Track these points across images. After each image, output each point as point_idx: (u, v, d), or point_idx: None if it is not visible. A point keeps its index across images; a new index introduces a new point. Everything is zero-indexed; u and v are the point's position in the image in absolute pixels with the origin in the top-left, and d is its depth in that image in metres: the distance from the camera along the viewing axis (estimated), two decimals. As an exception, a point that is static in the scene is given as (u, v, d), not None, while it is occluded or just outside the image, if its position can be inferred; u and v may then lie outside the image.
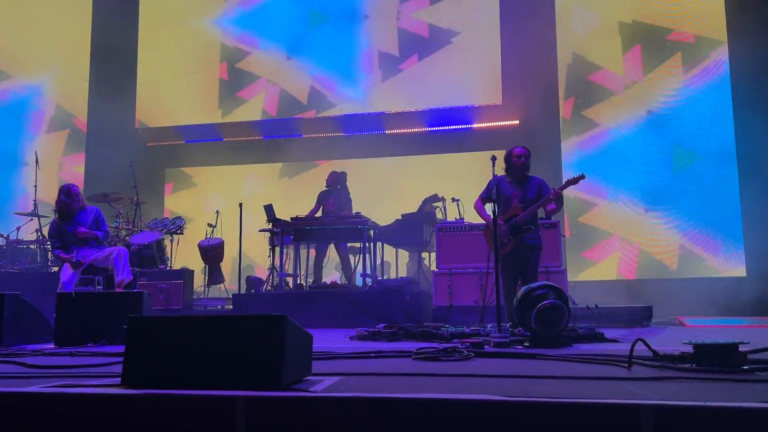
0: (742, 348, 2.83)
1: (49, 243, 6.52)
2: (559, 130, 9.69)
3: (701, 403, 1.90)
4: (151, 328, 2.61)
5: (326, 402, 2.14)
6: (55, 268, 8.26)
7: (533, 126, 9.46)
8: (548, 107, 9.68)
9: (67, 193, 6.20)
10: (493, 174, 5.29)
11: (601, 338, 4.60)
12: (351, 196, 8.68)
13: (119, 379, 2.52)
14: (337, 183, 8.56)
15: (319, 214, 8.38)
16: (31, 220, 8.81)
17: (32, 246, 8.79)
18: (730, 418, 1.89)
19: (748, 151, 8.53)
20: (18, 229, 9.00)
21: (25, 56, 11.53)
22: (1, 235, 8.69)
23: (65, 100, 11.66)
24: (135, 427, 2.23)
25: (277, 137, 10.95)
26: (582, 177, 5.44)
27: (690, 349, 2.90)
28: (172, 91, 11.44)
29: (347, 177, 8.69)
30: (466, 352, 3.53)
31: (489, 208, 5.38)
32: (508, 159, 5.51)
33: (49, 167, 10.81)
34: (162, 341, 2.55)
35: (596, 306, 5.65)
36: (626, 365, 2.90)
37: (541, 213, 5.61)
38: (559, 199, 5.32)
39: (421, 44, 10.51)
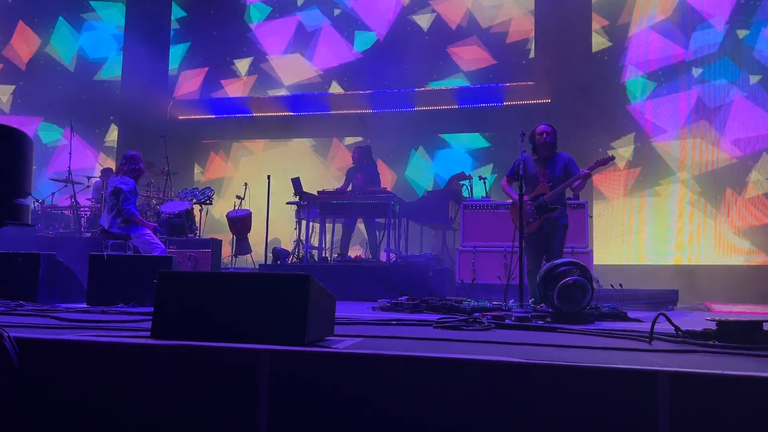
0: (766, 327, 2.80)
1: (119, 196, 6.37)
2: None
3: (719, 371, 1.91)
4: (180, 283, 2.69)
5: (346, 358, 2.20)
6: (88, 234, 8.49)
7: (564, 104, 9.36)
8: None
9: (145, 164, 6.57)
10: (521, 151, 5.27)
11: (624, 317, 4.59)
12: (378, 170, 8.73)
13: (148, 333, 2.62)
14: (363, 158, 8.59)
15: (349, 189, 8.43)
16: (65, 186, 9.02)
17: (66, 212, 9.01)
18: (749, 387, 1.89)
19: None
20: (53, 194, 9.23)
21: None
22: (37, 200, 8.92)
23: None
24: (163, 376, 2.31)
25: (305, 113, 10.98)
26: (612, 158, 5.39)
27: (713, 326, 2.88)
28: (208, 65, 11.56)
29: (371, 150, 8.72)
30: (486, 323, 3.56)
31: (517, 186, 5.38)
32: (531, 137, 5.48)
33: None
34: (190, 296, 2.63)
35: (621, 285, 5.62)
36: (647, 340, 2.89)
37: (568, 192, 5.58)
38: (585, 177, 5.29)
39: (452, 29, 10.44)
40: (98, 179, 9.33)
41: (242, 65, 11.39)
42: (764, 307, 6.91)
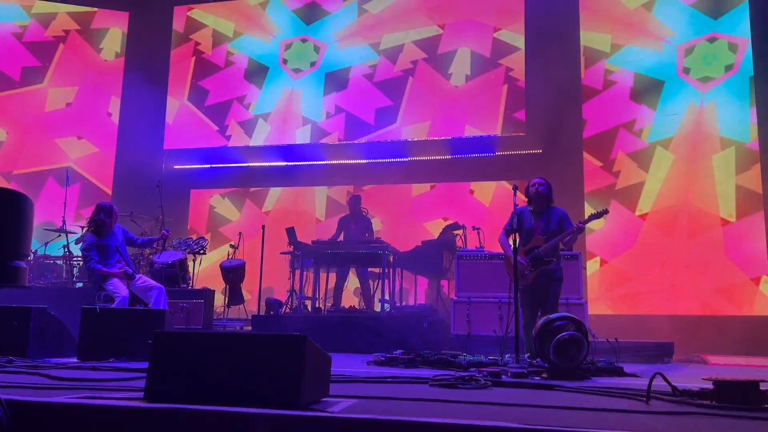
0: (763, 386, 2.80)
1: (81, 257, 6.56)
2: (581, 158, 9.69)
3: (718, 439, 1.90)
4: (175, 343, 2.68)
5: (343, 423, 2.17)
6: (80, 285, 8.43)
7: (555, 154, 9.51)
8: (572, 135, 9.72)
9: (108, 213, 6.45)
10: (515, 204, 5.33)
11: (621, 372, 4.57)
12: (371, 219, 8.77)
13: (141, 393, 2.58)
14: (357, 207, 8.64)
15: (340, 238, 8.45)
16: (59, 236, 8.99)
17: (59, 261, 8.96)
18: (748, 454, 1.88)
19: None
20: (46, 244, 9.19)
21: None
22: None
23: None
24: (156, 440, 2.28)
25: (300, 162, 11.09)
26: (606, 212, 5.46)
27: (710, 385, 2.88)
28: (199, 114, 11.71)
29: (361, 199, 8.80)
30: (483, 381, 3.53)
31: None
32: (526, 190, 5.57)
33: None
34: (185, 357, 2.61)
35: (616, 340, 5.60)
36: (644, 399, 2.88)
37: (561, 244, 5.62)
38: (579, 231, 5.34)
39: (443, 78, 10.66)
40: None
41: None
42: (760, 359, 6.88)
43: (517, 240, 5.16)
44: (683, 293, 8.85)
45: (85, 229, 6.72)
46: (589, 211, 8.62)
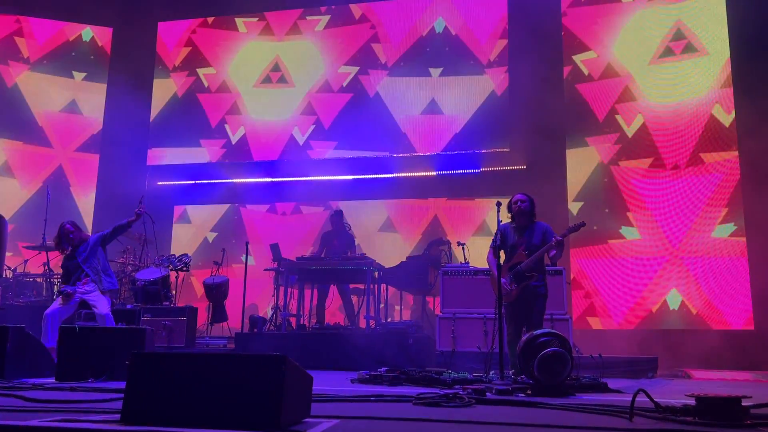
0: (745, 402, 2.80)
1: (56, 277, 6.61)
2: (565, 173, 9.76)
3: (700, 457, 1.89)
4: (152, 364, 2.63)
5: (324, 445, 2.14)
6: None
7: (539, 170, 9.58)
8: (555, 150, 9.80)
9: (59, 233, 6.44)
10: (498, 220, 5.33)
11: (605, 388, 4.56)
12: (353, 234, 8.71)
13: (118, 415, 2.53)
14: (340, 223, 8.57)
15: (323, 254, 8.40)
16: (39, 253, 8.87)
17: (38, 279, 8.83)
18: (730, 473, 1.87)
19: (755, 205, 8.51)
20: (26, 262, 9.07)
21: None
22: (9, 268, 8.74)
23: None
24: (132, 464, 2.22)
25: (284, 178, 11.06)
26: (582, 224, 5.47)
27: (692, 401, 2.88)
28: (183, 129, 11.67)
29: (344, 215, 8.74)
30: (467, 399, 3.51)
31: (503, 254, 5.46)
32: (508, 206, 5.57)
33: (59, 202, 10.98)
34: (163, 378, 2.56)
35: (600, 356, 5.61)
36: (628, 417, 2.87)
37: (547, 259, 5.62)
38: (560, 245, 5.34)
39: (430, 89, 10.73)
40: None
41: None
42: (743, 373, 6.92)
43: (502, 257, 5.15)
44: (667, 308, 8.90)
45: None
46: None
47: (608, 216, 9.42)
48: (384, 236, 10.41)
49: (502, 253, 5.44)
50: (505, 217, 5.54)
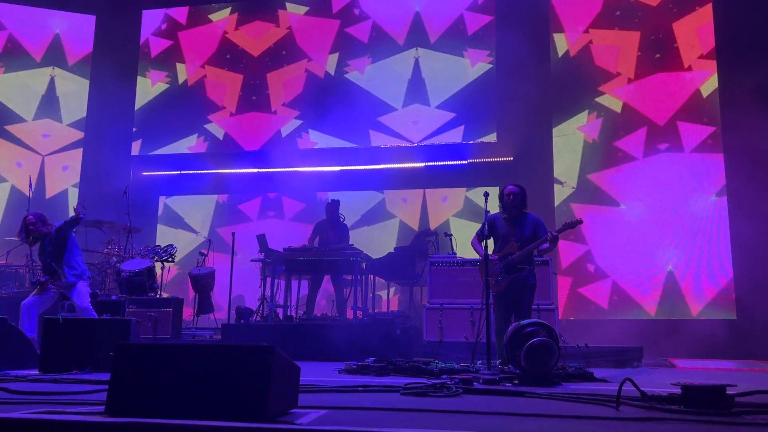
0: (730, 390, 2.83)
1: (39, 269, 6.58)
2: (552, 167, 9.79)
3: (687, 445, 1.90)
4: (137, 355, 2.60)
5: (311, 435, 2.13)
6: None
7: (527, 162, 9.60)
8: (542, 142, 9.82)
9: (21, 229, 6.35)
10: (486, 210, 5.32)
11: (591, 378, 4.59)
12: (347, 225, 8.70)
13: (102, 407, 2.50)
14: (335, 213, 8.52)
15: (315, 243, 8.35)
16: (22, 244, 8.74)
17: (21, 270, 8.72)
18: (716, 460, 1.89)
19: (740, 194, 8.60)
20: (8, 253, 8.95)
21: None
22: (-9, 259, 8.65)
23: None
24: (116, 456, 2.20)
25: (271, 168, 10.98)
26: (580, 222, 5.46)
27: (678, 390, 2.90)
28: (167, 120, 11.54)
29: (339, 205, 8.69)
30: (454, 389, 3.51)
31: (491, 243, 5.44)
32: (500, 197, 5.56)
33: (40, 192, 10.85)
34: (148, 369, 2.53)
35: (586, 345, 5.64)
36: (614, 405, 2.89)
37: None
38: (554, 241, 5.34)
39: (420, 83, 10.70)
40: None
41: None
42: (727, 362, 7.00)
43: (486, 246, 5.14)
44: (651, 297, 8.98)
45: None
46: (560, 219, 8.72)
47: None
48: (371, 227, 10.39)
49: (491, 243, 5.42)
50: (494, 208, 5.53)
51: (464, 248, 8.59)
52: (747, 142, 8.29)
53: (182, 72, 11.63)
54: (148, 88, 11.72)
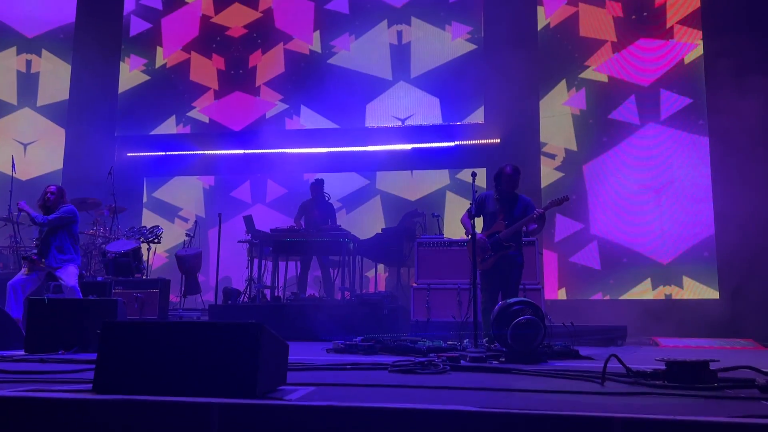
0: (712, 366, 2.88)
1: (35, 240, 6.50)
2: (539, 149, 9.81)
3: (670, 417, 1.93)
4: (125, 333, 2.59)
5: (300, 411, 2.14)
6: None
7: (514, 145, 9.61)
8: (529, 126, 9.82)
9: (62, 196, 6.41)
10: (473, 191, 5.33)
11: (576, 355, 4.65)
12: (333, 204, 8.66)
13: (90, 385, 2.49)
14: (320, 192, 8.48)
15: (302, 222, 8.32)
16: (6, 224, 8.66)
17: (5, 251, 8.63)
18: (698, 431, 1.92)
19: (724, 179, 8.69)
20: (-8, 232, 8.85)
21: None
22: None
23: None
24: (105, 433, 2.20)
25: (257, 150, 10.89)
26: (566, 199, 5.49)
27: (662, 366, 2.94)
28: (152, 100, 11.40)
29: (324, 184, 8.64)
30: (441, 366, 3.54)
31: (480, 222, 5.45)
32: (498, 176, 5.54)
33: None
34: (136, 347, 2.52)
35: (572, 324, 5.70)
36: (600, 381, 2.93)
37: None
38: (541, 220, 5.36)
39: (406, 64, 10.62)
40: None
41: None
42: (709, 340, 7.11)
43: (474, 225, 5.15)
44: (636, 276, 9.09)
45: None
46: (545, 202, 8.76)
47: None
48: (359, 209, 10.38)
49: (480, 222, 5.44)
50: (482, 188, 5.54)
51: (450, 228, 8.64)
52: (732, 106, 8.33)
53: (161, 56, 11.46)
54: (127, 72, 11.56)
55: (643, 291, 9.02)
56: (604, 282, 9.18)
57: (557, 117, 9.81)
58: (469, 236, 5.19)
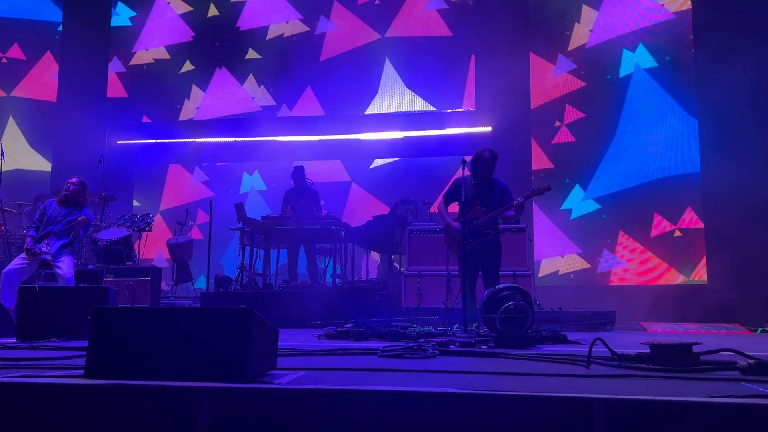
0: (696, 349, 2.93)
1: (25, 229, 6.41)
2: (530, 137, 9.84)
3: (651, 398, 1.97)
4: (116, 319, 2.60)
5: (290, 394, 2.17)
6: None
7: (505, 132, 9.63)
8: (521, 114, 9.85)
9: (84, 190, 6.47)
10: (463, 176, 5.32)
11: (564, 340, 4.71)
12: (316, 190, 8.62)
13: (81, 371, 2.51)
14: (302, 179, 8.44)
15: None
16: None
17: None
18: (680, 412, 1.96)
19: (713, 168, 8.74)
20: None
21: None
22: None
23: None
24: (97, 418, 2.22)
25: (249, 137, 10.87)
26: (548, 188, 5.46)
27: (647, 349, 2.99)
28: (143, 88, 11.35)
29: (305, 170, 8.61)
30: (431, 351, 3.58)
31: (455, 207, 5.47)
32: (475, 161, 5.51)
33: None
34: (127, 333, 2.54)
35: (560, 309, 5.76)
36: (585, 364, 2.97)
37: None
38: (519, 208, 5.34)
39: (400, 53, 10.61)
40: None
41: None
42: (696, 325, 7.21)
43: (446, 209, 5.18)
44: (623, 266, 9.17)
45: None
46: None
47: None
48: (350, 196, 10.39)
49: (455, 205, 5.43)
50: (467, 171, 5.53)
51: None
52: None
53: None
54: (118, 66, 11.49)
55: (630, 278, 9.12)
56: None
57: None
58: (444, 225, 5.23)
